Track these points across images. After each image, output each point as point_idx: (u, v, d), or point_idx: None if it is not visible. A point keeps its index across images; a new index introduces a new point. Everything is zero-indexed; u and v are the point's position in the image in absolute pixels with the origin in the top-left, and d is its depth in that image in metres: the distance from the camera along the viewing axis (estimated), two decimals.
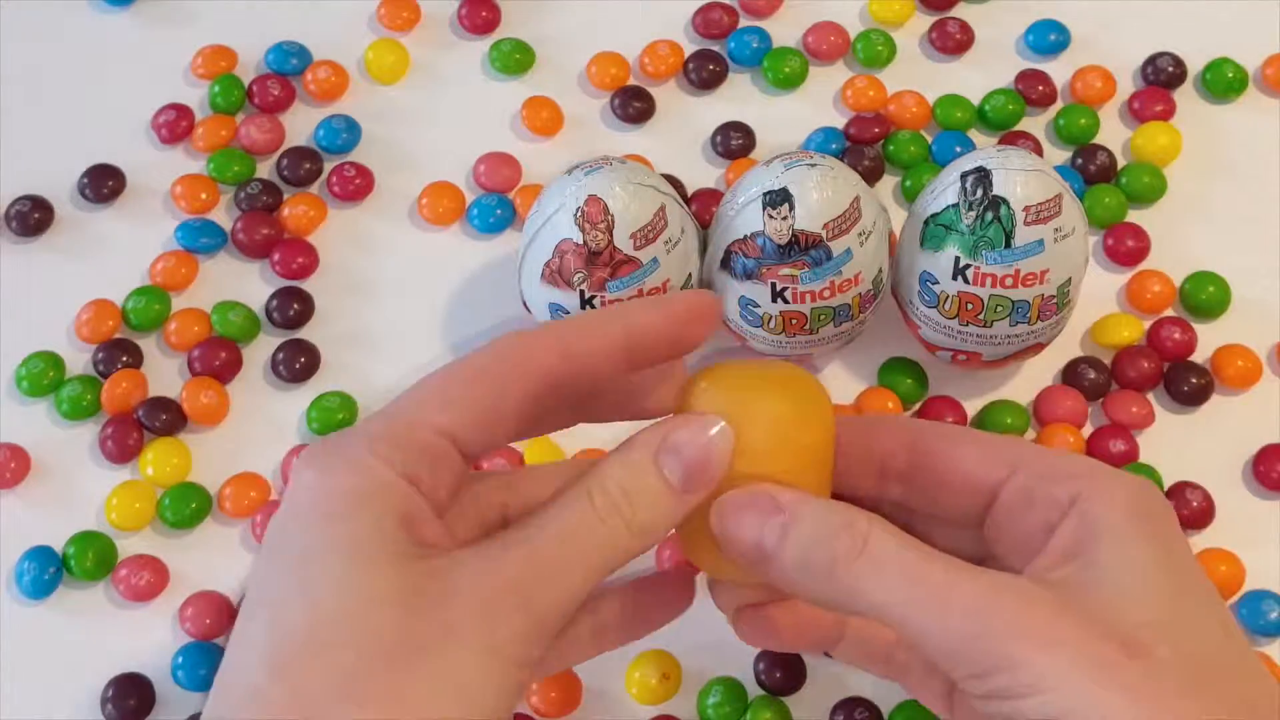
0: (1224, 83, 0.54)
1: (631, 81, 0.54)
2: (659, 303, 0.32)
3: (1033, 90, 0.53)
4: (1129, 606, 0.29)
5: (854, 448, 0.34)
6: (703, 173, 0.52)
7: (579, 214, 0.42)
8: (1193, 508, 0.46)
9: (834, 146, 0.52)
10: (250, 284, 0.50)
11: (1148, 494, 0.32)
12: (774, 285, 0.43)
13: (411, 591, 0.29)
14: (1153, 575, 0.30)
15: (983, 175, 0.42)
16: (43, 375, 0.48)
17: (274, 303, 0.49)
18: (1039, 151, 0.52)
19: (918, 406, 0.48)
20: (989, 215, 0.42)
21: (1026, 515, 0.32)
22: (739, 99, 0.54)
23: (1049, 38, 0.54)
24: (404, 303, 0.50)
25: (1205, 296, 0.50)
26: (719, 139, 0.52)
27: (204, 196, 0.51)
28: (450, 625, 0.28)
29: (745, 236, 0.43)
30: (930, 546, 0.30)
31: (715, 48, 0.54)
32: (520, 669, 0.29)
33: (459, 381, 0.31)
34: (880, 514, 0.31)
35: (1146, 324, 0.49)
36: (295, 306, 0.49)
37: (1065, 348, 0.49)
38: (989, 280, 0.43)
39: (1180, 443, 0.48)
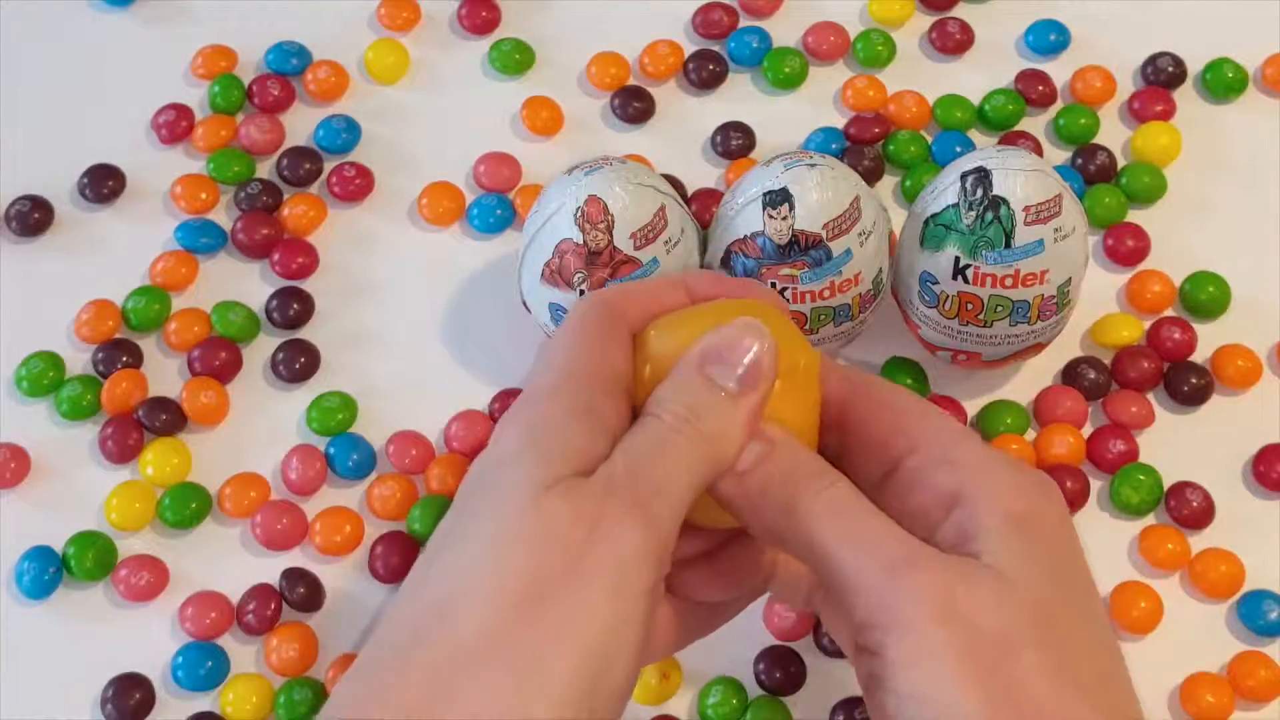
0: (1224, 83, 0.54)
1: (631, 81, 0.54)
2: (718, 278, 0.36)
3: (1033, 90, 0.53)
4: (1005, 603, 0.30)
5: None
6: (703, 173, 0.52)
7: (579, 214, 0.42)
8: (1193, 508, 0.46)
9: (834, 146, 0.52)
10: (250, 284, 0.50)
11: (1030, 498, 0.32)
12: (774, 285, 0.43)
13: (547, 524, 0.29)
14: (1023, 586, 0.31)
15: (983, 175, 0.42)
16: (43, 375, 0.48)
17: (274, 303, 0.49)
18: (1039, 151, 0.52)
19: None
20: (989, 215, 0.42)
21: (915, 495, 0.33)
22: (739, 99, 0.54)
23: (1049, 38, 0.54)
24: (404, 303, 0.50)
25: (1205, 296, 0.50)
26: (719, 139, 0.52)
27: (204, 196, 0.51)
28: (579, 556, 0.29)
29: (745, 236, 0.43)
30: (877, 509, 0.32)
31: (715, 48, 0.54)
32: (646, 596, 0.30)
33: (592, 333, 0.34)
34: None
35: (1146, 324, 0.49)
36: (295, 306, 0.49)
37: (1065, 348, 0.49)
38: (989, 280, 0.43)
39: (1180, 443, 0.48)
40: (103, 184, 0.51)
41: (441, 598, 0.29)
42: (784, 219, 0.43)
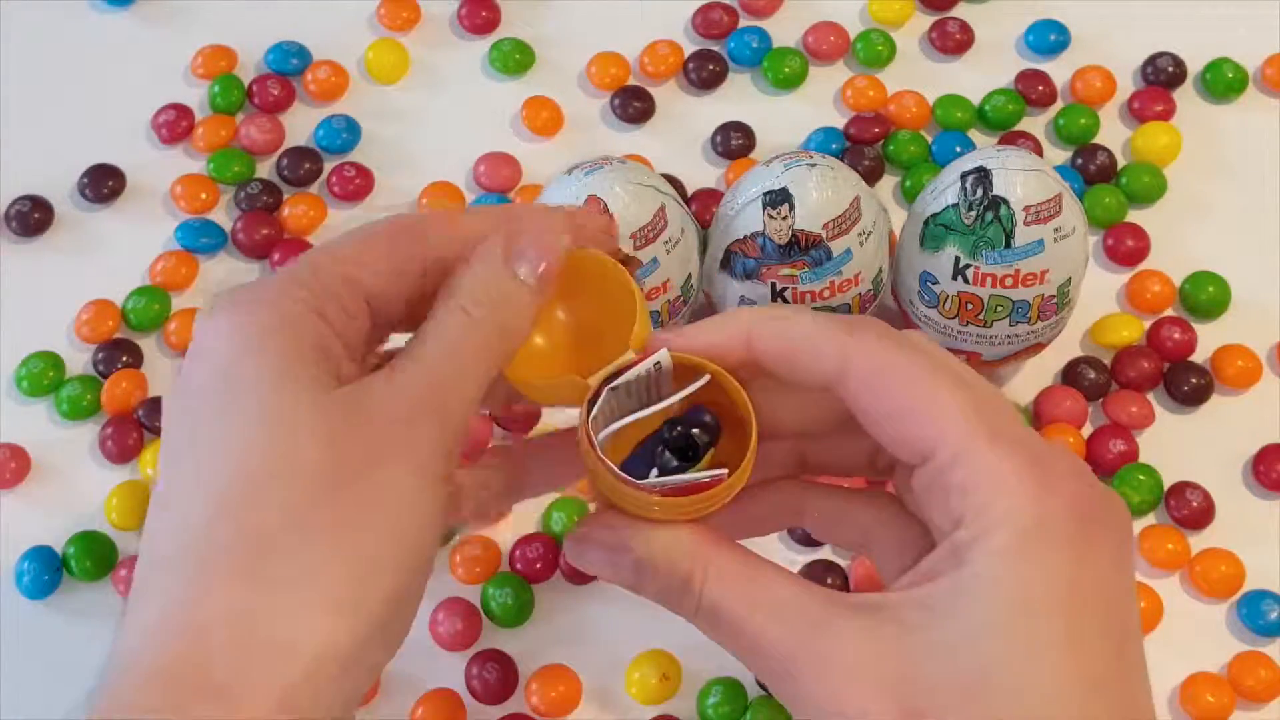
0: (1224, 83, 0.54)
1: (631, 81, 0.54)
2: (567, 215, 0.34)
3: (1033, 90, 0.53)
4: (946, 665, 0.28)
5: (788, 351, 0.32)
6: (703, 173, 0.52)
7: None
8: (1193, 508, 0.46)
9: (834, 146, 0.52)
10: None
11: (1041, 516, 0.28)
12: (774, 285, 0.43)
13: (336, 418, 0.29)
14: (1006, 630, 0.28)
15: (983, 175, 0.42)
16: (43, 375, 0.48)
17: None
18: (1039, 151, 0.52)
19: None
20: (989, 215, 0.42)
21: (924, 502, 0.30)
22: (739, 99, 0.54)
23: (1049, 38, 0.54)
24: None
25: (1205, 296, 0.50)
26: (719, 139, 0.52)
27: (204, 196, 0.51)
28: (375, 448, 0.29)
29: (745, 236, 0.43)
30: (770, 577, 0.30)
31: (715, 48, 0.54)
32: (444, 483, 0.30)
33: (360, 238, 0.32)
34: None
35: (1146, 324, 0.49)
36: None
37: (1065, 348, 0.49)
38: (989, 280, 0.43)
39: (1180, 443, 0.48)
40: (103, 184, 0.51)
41: (230, 490, 0.28)
42: (784, 219, 0.43)
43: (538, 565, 0.45)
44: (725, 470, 0.30)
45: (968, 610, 0.28)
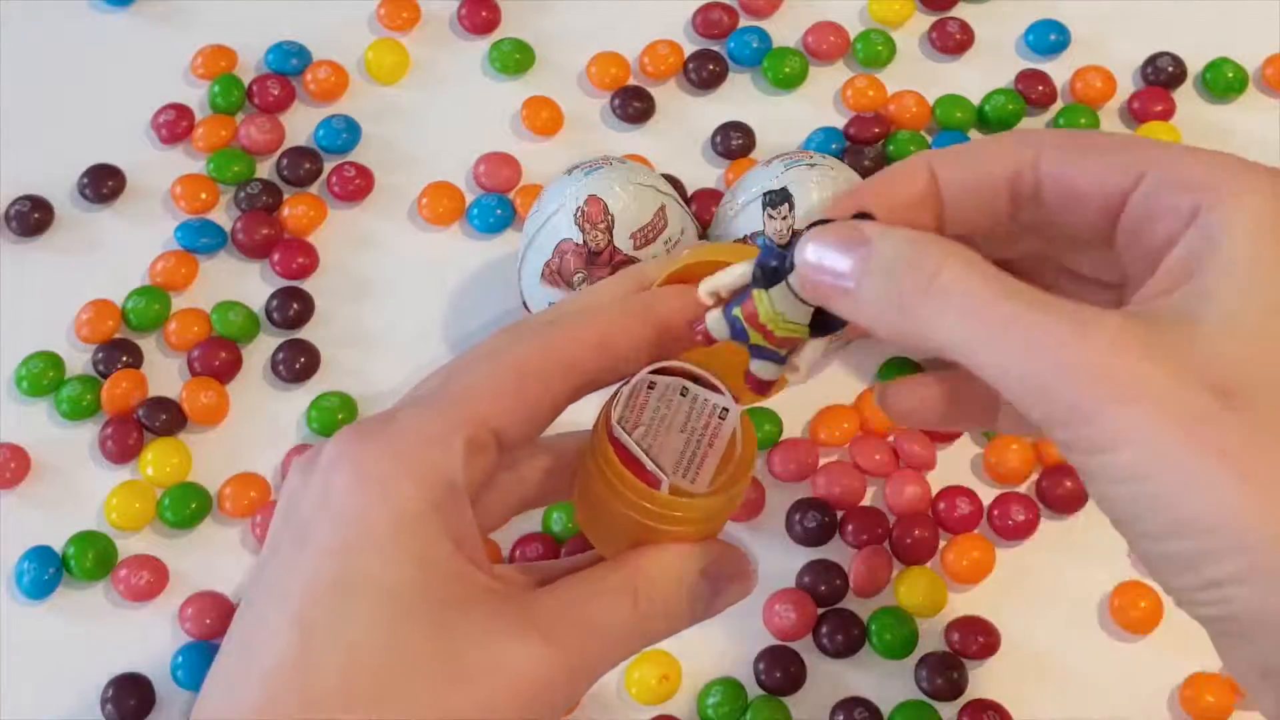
0: (1224, 83, 0.54)
1: (631, 81, 0.54)
2: (685, 291, 0.32)
3: (1033, 90, 0.53)
4: (1234, 343, 0.25)
5: (976, 178, 0.31)
6: (703, 173, 0.52)
7: (579, 214, 0.42)
8: None
9: (834, 146, 0.52)
10: (250, 284, 0.50)
11: None
12: None
13: (447, 655, 0.27)
14: (1273, 304, 0.25)
15: None
16: (43, 375, 0.48)
17: (274, 303, 0.49)
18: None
19: None
20: None
21: (1148, 230, 0.28)
22: (739, 99, 0.54)
23: (1049, 38, 0.54)
24: (404, 303, 0.50)
25: None
26: (719, 139, 0.52)
27: (204, 196, 0.51)
28: (487, 707, 0.28)
29: (745, 236, 0.43)
30: (1018, 281, 0.27)
31: (715, 48, 0.54)
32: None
33: (509, 374, 0.30)
34: (1011, 267, 0.28)
35: None
36: (295, 306, 0.49)
37: None
38: None
39: None
40: (103, 184, 0.51)
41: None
42: (784, 219, 0.42)
43: None
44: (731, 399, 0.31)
45: (1233, 294, 0.26)
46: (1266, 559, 0.24)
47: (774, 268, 0.30)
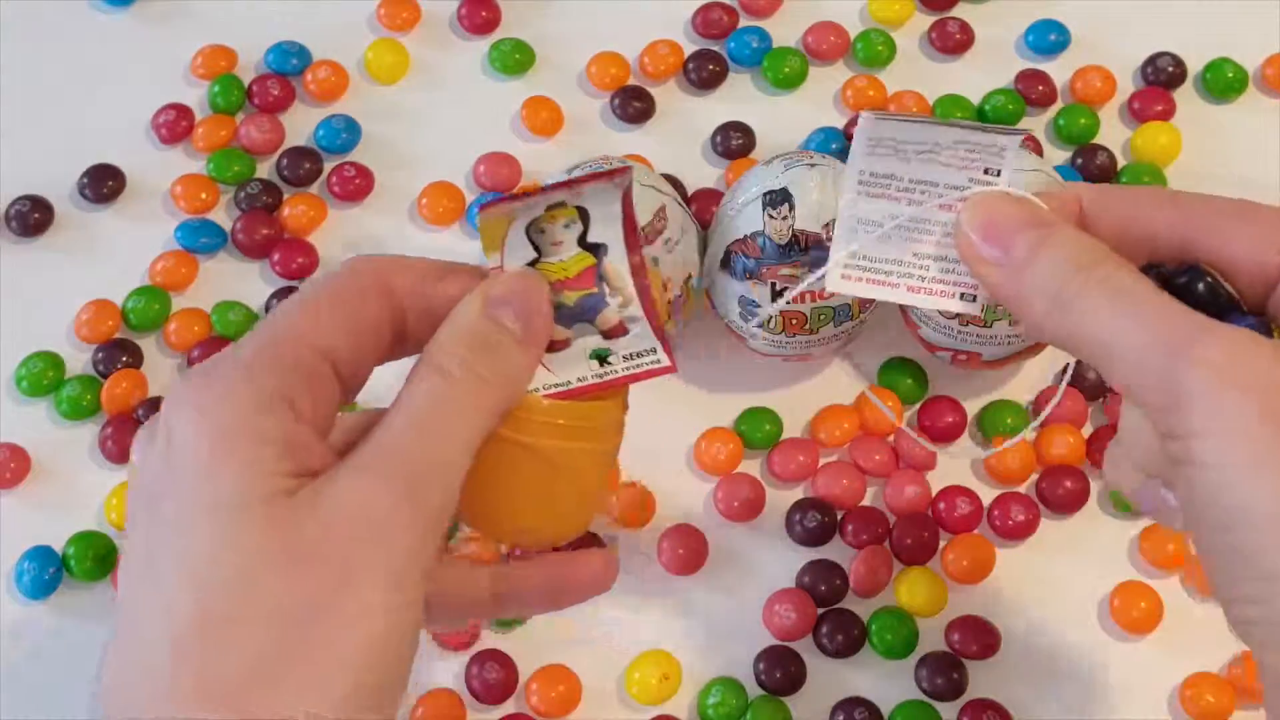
0: (1224, 83, 0.54)
1: (631, 81, 0.54)
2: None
3: (1033, 90, 0.53)
4: None
5: (1121, 223, 0.32)
6: (703, 173, 0.52)
7: None
8: None
9: (834, 146, 0.52)
10: (250, 284, 0.50)
11: None
12: (774, 285, 0.43)
13: (298, 536, 0.27)
14: None
15: None
16: (43, 375, 0.48)
17: (274, 302, 0.49)
18: (1039, 151, 0.52)
19: (918, 407, 0.48)
20: None
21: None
22: (739, 99, 0.54)
23: (1049, 38, 0.54)
24: None
25: None
26: (719, 139, 0.52)
27: (204, 196, 0.51)
28: (343, 565, 0.27)
29: (745, 236, 0.43)
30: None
31: (715, 48, 0.54)
32: (422, 582, 0.28)
33: (322, 295, 0.30)
34: None
35: None
36: None
37: None
38: None
39: None
40: (103, 184, 0.51)
41: (195, 625, 0.27)
42: (784, 219, 0.43)
43: None
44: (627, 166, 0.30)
45: None
46: None
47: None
